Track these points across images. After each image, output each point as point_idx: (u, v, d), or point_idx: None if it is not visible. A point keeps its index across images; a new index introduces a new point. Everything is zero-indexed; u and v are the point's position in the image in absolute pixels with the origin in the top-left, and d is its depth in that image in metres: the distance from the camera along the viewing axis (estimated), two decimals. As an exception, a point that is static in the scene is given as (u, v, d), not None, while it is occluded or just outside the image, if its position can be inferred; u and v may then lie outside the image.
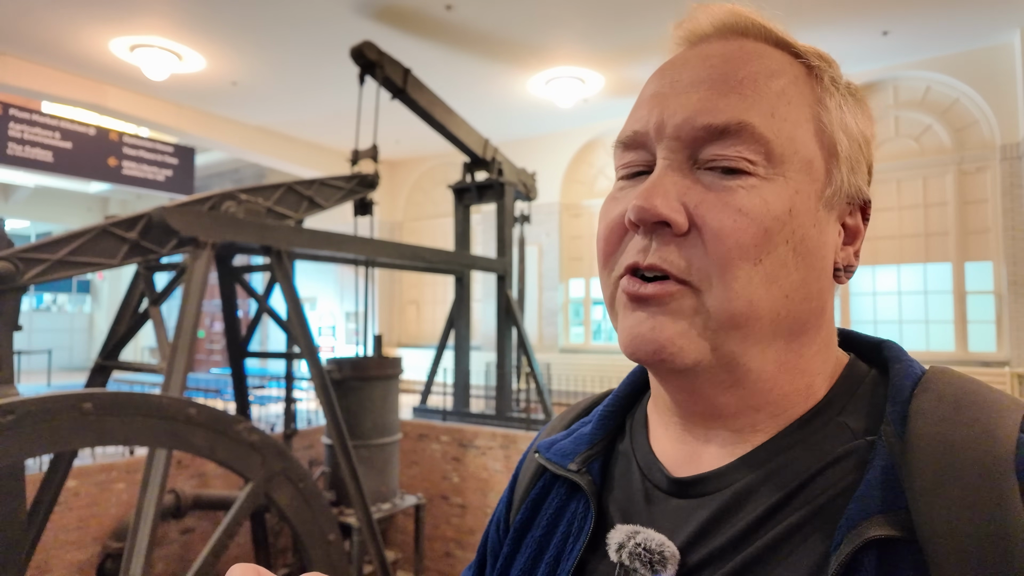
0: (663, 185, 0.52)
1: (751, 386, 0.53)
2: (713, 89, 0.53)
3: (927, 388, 0.51)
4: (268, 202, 5.49)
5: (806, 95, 0.55)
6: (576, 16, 7.58)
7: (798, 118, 0.54)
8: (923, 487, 0.44)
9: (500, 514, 0.75)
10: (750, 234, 0.50)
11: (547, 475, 0.69)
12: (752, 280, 0.50)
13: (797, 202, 0.52)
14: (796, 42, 0.57)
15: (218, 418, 3.87)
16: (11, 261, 3.88)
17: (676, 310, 0.51)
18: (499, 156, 8.75)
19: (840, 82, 0.58)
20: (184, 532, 7.20)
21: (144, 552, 3.67)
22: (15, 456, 3.11)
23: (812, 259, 0.53)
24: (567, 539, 0.62)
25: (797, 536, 0.48)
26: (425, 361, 10.78)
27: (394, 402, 6.95)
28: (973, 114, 8.60)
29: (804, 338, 0.55)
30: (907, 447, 0.47)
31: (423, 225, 14.10)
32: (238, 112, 11.04)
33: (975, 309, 8.72)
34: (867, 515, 0.45)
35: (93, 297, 19.00)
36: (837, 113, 0.56)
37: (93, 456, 6.71)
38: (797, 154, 0.53)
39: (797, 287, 0.52)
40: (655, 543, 0.52)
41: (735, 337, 0.51)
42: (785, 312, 0.52)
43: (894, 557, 0.44)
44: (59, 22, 7.69)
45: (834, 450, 0.51)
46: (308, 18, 7.64)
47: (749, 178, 0.51)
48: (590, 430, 0.68)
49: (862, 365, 0.58)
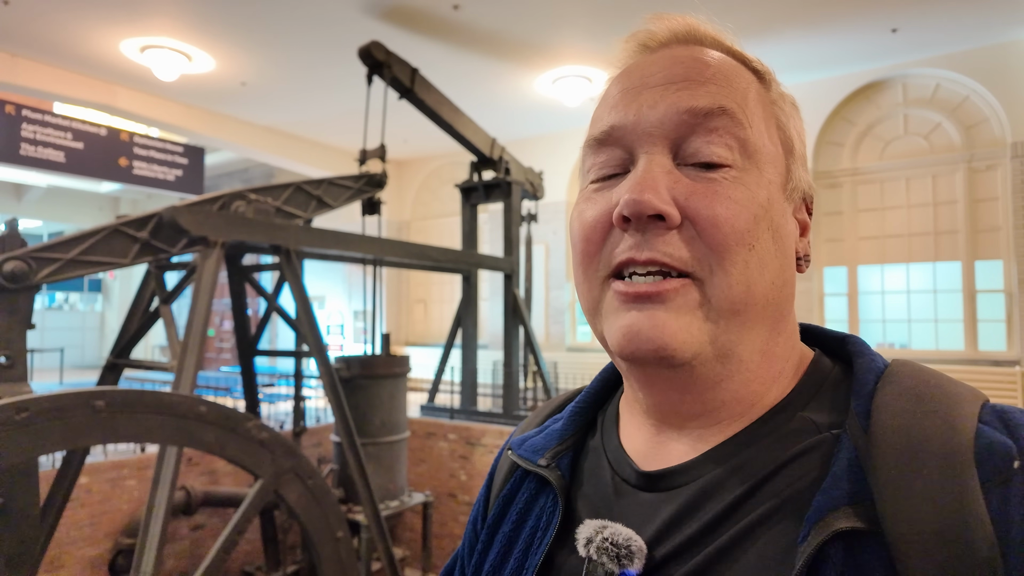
0: (653, 178, 0.52)
1: (738, 377, 0.54)
2: (689, 79, 0.54)
3: (890, 381, 0.51)
4: (277, 202, 5.53)
5: (764, 96, 0.58)
6: (583, 15, 7.58)
7: (763, 114, 0.56)
8: (887, 480, 0.45)
9: (478, 511, 0.76)
10: (743, 219, 0.51)
11: (519, 471, 0.70)
12: (749, 265, 0.51)
13: (771, 192, 0.54)
14: (743, 52, 0.60)
15: (228, 416, 3.90)
16: (25, 260, 3.93)
17: (680, 305, 0.51)
18: (506, 155, 8.76)
19: (781, 88, 0.61)
20: (194, 529, 7.26)
21: (156, 548, 3.71)
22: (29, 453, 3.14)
23: (785, 247, 0.55)
24: (535, 533, 0.63)
25: (763, 528, 0.49)
26: (432, 359, 10.81)
27: (402, 400, 6.98)
28: (983, 111, 8.53)
29: (780, 325, 0.56)
30: (871, 440, 0.47)
31: (430, 224, 14.13)
32: (247, 112, 11.10)
33: (985, 308, 8.65)
34: (834, 507, 0.45)
35: (104, 296, 19.15)
36: (790, 115, 0.59)
37: (105, 453, 6.79)
38: (765, 147, 0.55)
39: (778, 273, 0.54)
40: (622, 537, 0.53)
41: (733, 325, 0.52)
42: (772, 297, 0.54)
43: (860, 549, 0.44)
44: (70, 24, 7.76)
45: (799, 444, 0.51)
46: (316, 19, 7.68)
47: (730, 170, 0.52)
48: (561, 426, 0.68)
49: (827, 360, 0.59)
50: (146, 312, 5.27)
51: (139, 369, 5.08)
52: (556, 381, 10.57)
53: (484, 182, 8.84)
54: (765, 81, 0.59)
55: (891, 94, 9.15)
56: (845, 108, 9.33)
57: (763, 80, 0.59)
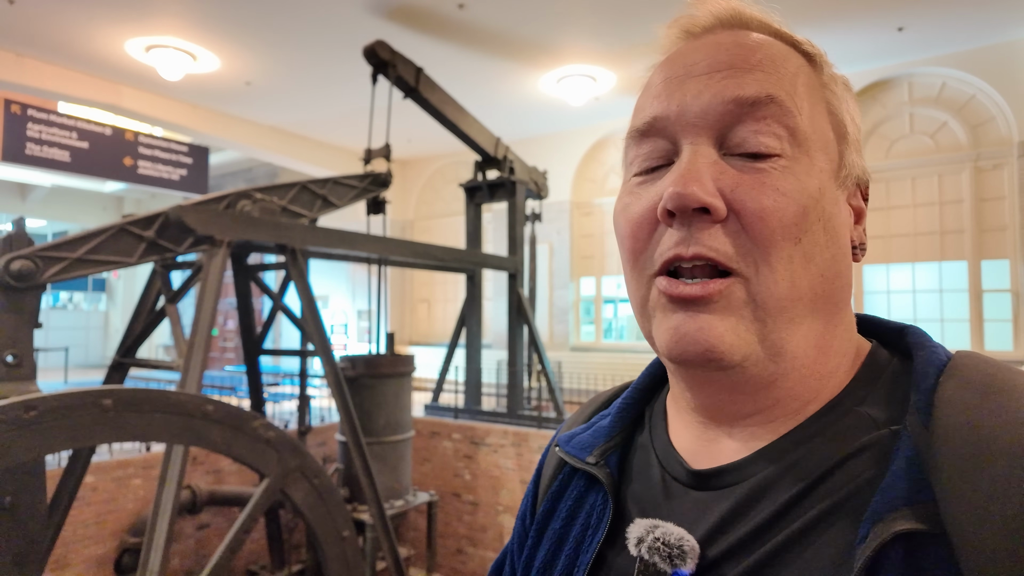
0: (697, 170, 0.50)
1: (793, 375, 0.52)
2: (734, 67, 0.52)
3: (953, 375, 0.49)
4: (283, 201, 5.53)
5: (814, 80, 0.55)
6: (588, 14, 7.56)
7: (813, 99, 0.54)
8: (951, 478, 0.42)
9: (527, 506, 0.75)
10: (791, 213, 0.49)
11: (567, 468, 0.69)
12: (793, 259, 0.50)
13: (823, 181, 0.52)
14: (793, 34, 0.57)
15: (234, 415, 3.90)
16: (31, 259, 3.94)
17: (725, 307, 0.50)
18: (510, 154, 8.76)
19: (833, 69, 0.58)
20: (200, 528, 7.27)
21: (162, 547, 3.71)
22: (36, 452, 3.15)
23: (838, 237, 0.53)
24: (586, 531, 0.62)
25: (818, 529, 0.47)
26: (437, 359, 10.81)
27: (407, 399, 6.98)
28: (990, 110, 8.50)
29: (836, 317, 0.54)
30: (933, 437, 0.45)
31: (435, 224, 14.13)
32: (252, 112, 11.12)
33: (992, 308, 8.62)
34: (893, 508, 0.43)
35: (108, 295, 19.20)
36: (843, 97, 0.57)
37: (111, 452, 6.80)
38: (816, 134, 0.53)
39: (829, 265, 0.52)
40: (674, 537, 0.51)
41: (781, 322, 0.50)
42: (821, 290, 0.52)
43: (922, 551, 0.42)
44: (75, 23, 7.78)
45: (856, 441, 0.50)
46: (321, 18, 7.68)
47: (779, 159, 0.50)
48: (609, 423, 0.67)
49: (884, 352, 0.57)
50: (152, 311, 5.28)
51: (145, 368, 5.09)
52: (560, 381, 10.57)
53: (488, 181, 8.84)
54: (816, 64, 0.56)
55: (897, 93, 9.12)
56: (850, 107, 9.30)
57: (813, 63, 0.56)
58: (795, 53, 0.56)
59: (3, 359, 3.79)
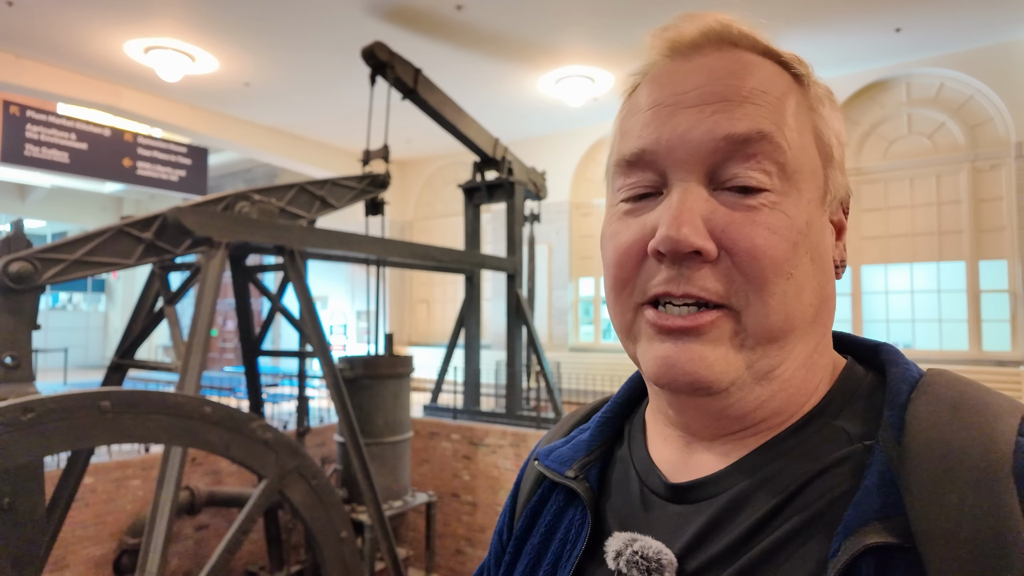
0: (689, 211, 0.50)
1: (781, 395, 0.53)
2: (726, 99, 0.51)
3: (925, 391, 0.49)
4: (281, 202, 5.54)
5: (802, 104, 0.54)
6: (586, 15, 7.57)
7: (802, 127, 0.53)
8: (920, 493, 0.43)
9: (504, 522, 0.74)
10: (782, 250, 0.50)
11: (546, 482, 0.69)
12: (787, 294, 0.50)
13: (811, 212, 0.52)
14: (781, 50, 0.56)
15: (233, 416, 3.91)
16: (30, 261, 3.95)
17: (716, 337, 0.50)
18: (509, 155, 8.77)
19: (819, 85, 0.57)
20: (198, 529, 7.28)
21: (160, 548, 3.72)
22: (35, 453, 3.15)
23: (823, 263, 0.54)
24: (564, 546, 0.62)
25: (794, 542, 0.47)
26: (435, 360, 10.82)
27: (405, 400, 6.99)
28: (987, 111, 8.51)
29: (822, 337, 0.55)
30: (905, 452, 0.46)
31: (433, 224, 14.14)
32: (251, 113, 11.12)
33: (989, 308, 8.63)
34: (865, 521, 0.44)
35: (108, 296, 19.20)
36: (828, 118, 0.56)
37: (109, 453, 6.80)
38: (806, 164, 0.52)
39: (816, 291, 0.53)
40: (652, 551, 0.52)
41: (771, 350, 0.51)
42: (811, 317, 0.52)
43: (892, 564, 0.43)
44: (74, 25, 7.78)
45: (830, 455, 0.50)
46: (320, 19, 7.69)
47: (769, 195, 0.50)
48: (588, 437, 0.67)
49: (859, 368, 0.57)
50: (150, 312, 5.28)
51: (144, 369, 5.09)
52: (559, 381, 10.57)
53: (487, 182, 8.85)
54: (803, 84, 0.55)
55: (895, 94, 9.13)
56: (849, 108, 9.31)
57: (801, 82, 0.55)
58: (783, 73, 0.55)
59: (2, 361, 3.80)
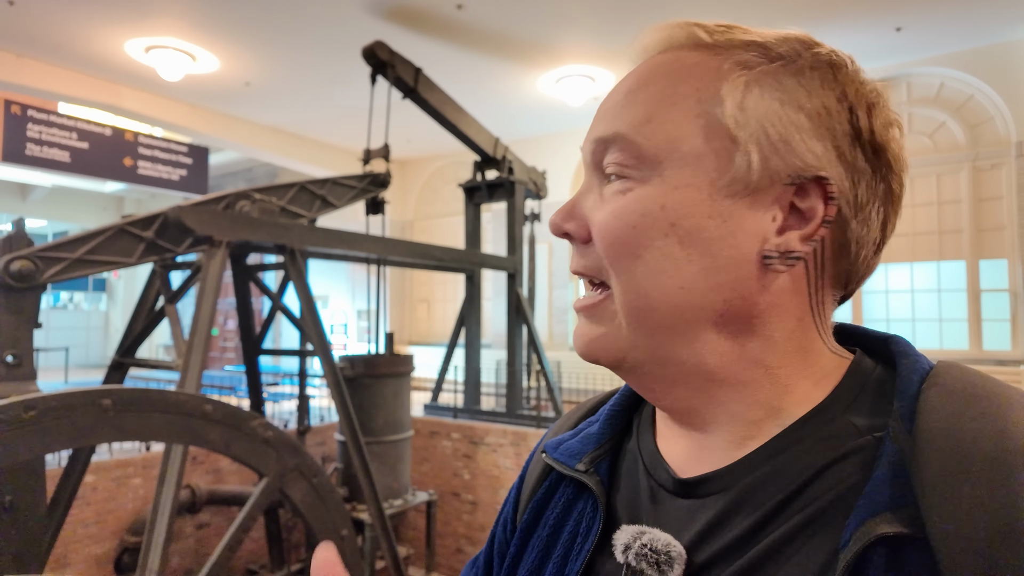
0: (571, 201, 0.59)
1: (701, 380, 0.54)
2: (616, 104, 0.57)
3: (935, 383, 0.49)
4: (282, 201, 5.55)
5: (703, 92, 0.53)
6: (586, 14, 7.58)
7: (683, 117, 0.52)
8: (932, 483, 0.43)
9: (507, 514, 0.74)
10: (617, 232, 0.54)
11: (553, 475, 0.69)
12: (635, 273, 0.53)
13: (675, 197, 0.52)
14: (732, 39, 0.54)
15: (233, 415, 3.92)
16: (31, 260, 3.96)
17: (601, 316, 0.56)
18: (509, 155, 8.77)
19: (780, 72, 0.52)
20: (199, 527, 7.29)
21: (161, 546, 3.73)
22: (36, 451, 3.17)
23: (713, 249, 0.51)
24: (575, 539, 0.62)
25: (804, 534, 0.47)
26: (436, 359, 10.82)
27: (406, 399, 7.00)
28: (988, 110, 8.51)
29: (748, 331, 0.53)
30: (915, 443, 0.46)
31: (434, 224, 14.15)
32: (251, 112, 11.13)
33: (990, 307, 8.63)
34: (875, 512, 0.44)
35: (109, 295, 19.22)
36: (752, 99, 0.51)
37: (110, 452, 6.82)
38: (677, 152, 0.52)
39: (696, 278, 0.51)
40: (661, 543, 0.52)
41: (644, 330, 0.53)
42: (687, 303, 0.52)
43: (903, 555, 0.43)
44: (75, 24, 7.79)
45: (840, 447, 0.50)
46: (320, 19, 7.70)
47: (626, 181, 0.54)
48: (597, 429, 0.67)
49: (868, 361, 0.57)
50: (151, 311, 5.29)
51: (144, 368, 5.10)
52: (559, 380, 10.58)
53: (487, 181, 8.86)
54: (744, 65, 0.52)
55: (895, 93, 9.13)
56: (849, 107, 9.31)
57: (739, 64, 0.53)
58: (699, 65, 0.54)
59: (3, 359, 3.81)
